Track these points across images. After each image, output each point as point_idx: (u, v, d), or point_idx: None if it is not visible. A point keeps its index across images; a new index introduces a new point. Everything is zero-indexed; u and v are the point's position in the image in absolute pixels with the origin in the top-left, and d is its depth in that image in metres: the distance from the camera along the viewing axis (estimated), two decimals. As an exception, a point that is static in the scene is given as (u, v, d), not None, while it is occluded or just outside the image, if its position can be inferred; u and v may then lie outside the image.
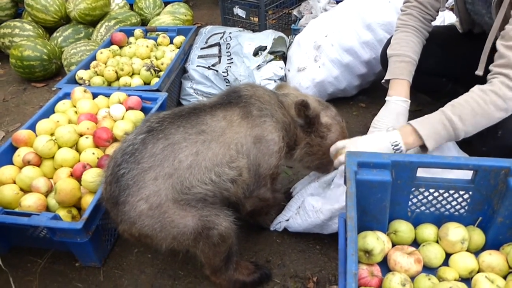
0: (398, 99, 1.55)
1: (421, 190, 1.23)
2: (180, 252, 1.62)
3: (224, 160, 1.30)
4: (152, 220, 1.22)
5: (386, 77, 1.65)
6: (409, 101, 1.57)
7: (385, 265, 1.19)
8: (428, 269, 1.19)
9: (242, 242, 1.67)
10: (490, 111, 1.32)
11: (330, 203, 1.52)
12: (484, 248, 1.22)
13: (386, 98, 1.60)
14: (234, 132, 1.34)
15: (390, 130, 1.42)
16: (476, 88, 1.36)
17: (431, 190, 1.23)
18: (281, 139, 1.43)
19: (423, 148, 1.38)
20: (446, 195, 1.23)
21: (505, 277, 1.12)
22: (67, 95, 2.12)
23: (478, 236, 1.22)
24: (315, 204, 1.55)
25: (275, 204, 1.64)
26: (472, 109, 1.32)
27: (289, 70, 2.55)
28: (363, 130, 2.35)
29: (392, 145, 1.36)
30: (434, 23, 1.76)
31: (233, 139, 1.33)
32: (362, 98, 2.61)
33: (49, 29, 3.39)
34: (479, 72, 1.46)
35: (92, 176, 1.57)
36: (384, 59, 1.80)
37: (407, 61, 1.61)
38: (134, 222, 1.23)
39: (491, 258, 1.15)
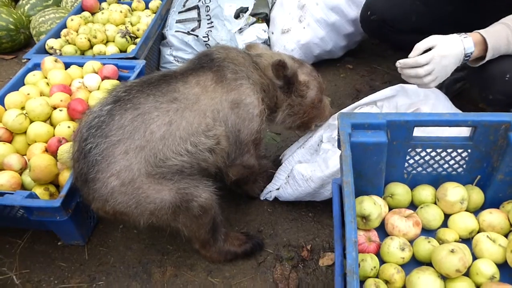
0: None
1: (418, 150, 1.17)
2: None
3: (200, 129, 1.22)
4: (126, 196, 1.14)
5: None
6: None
7: (382, 230, 1.15)
8: (427, 231, 1.15)
9: (231, 213, 1.62)
10: None
11: (320, 170, 1.46)
12: (483, 207, 1.18)
13: None
14: (209, 98, 1.26)
15: (463, 36, 1.35)
16: None
17: (428, 150, 1.17)
18: (261, 101, 1.35)
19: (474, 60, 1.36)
20: (443, 154, 1.17)
21: (506, 236, 1.09)
22: (37, 66, 1.98)
23: (477, 195, 1.18)
24: (304, 173, 1.49)
25: (261, 171, 1.57)
26: None
27: (272, 33, 2.43)
28: (351, 91, 2.28)
29: (465, 54, 1.33)
30: None
31: (208, 106, 1.25)
32: (349, 59, 2.52)
33: (14, -3, 3.16)
34: None
35: (68, 151, 1.47)
36: (364, 21, 1.68)
37: None
38: (107, 199, 1.15)
39: (492, 216, 1.11)
